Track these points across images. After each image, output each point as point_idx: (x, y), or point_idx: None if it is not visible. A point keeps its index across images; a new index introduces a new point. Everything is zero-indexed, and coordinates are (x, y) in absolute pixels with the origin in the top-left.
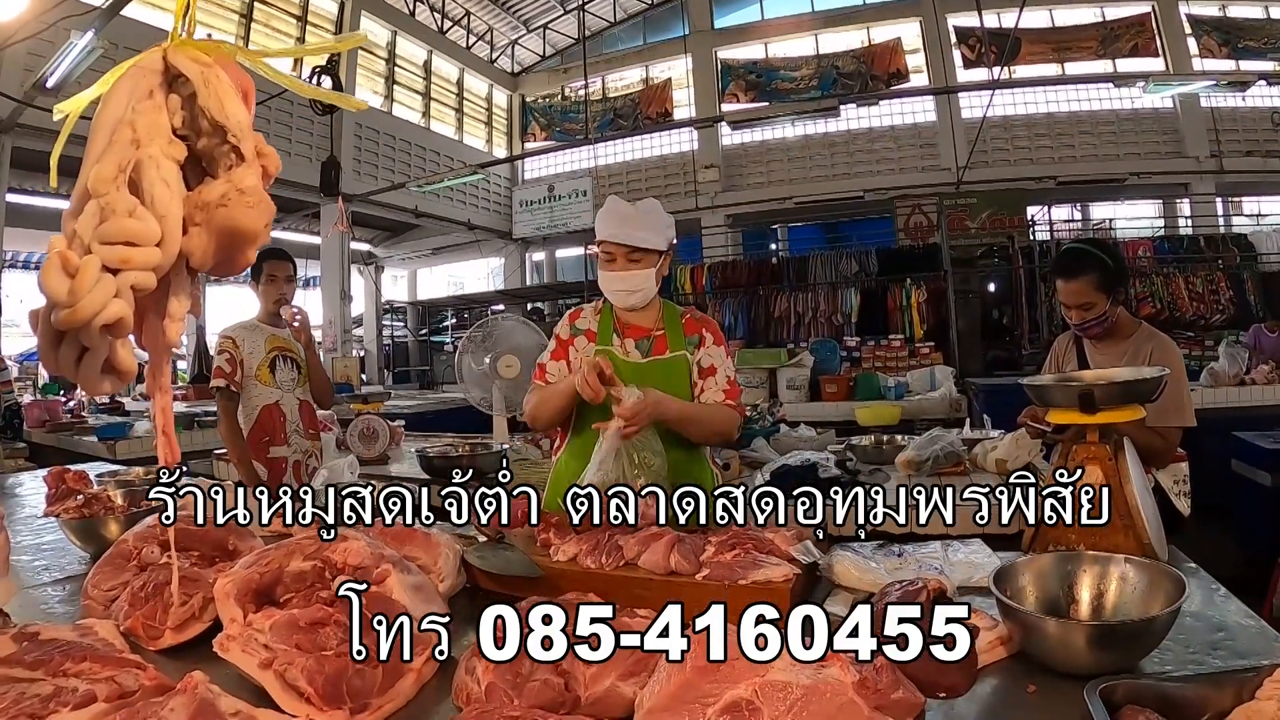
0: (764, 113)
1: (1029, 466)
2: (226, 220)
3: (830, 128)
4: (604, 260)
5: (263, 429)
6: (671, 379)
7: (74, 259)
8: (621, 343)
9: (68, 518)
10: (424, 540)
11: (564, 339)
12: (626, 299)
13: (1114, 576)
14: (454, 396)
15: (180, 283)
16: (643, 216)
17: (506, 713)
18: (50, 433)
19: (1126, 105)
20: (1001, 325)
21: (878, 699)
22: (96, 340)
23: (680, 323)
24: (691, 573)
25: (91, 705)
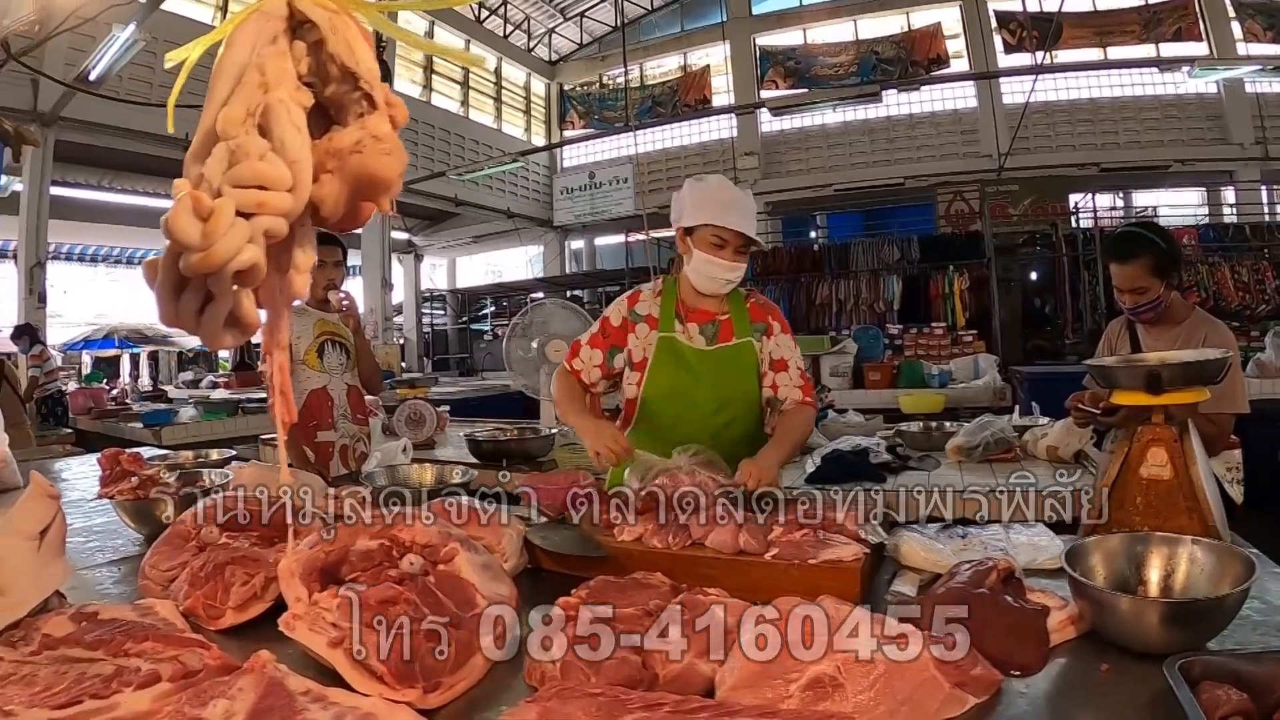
0: (805, 99)
1: (1080, 454)
2: (361, 167)
3: (870, 114)
4: (712, 246)
5: (310, 413)
6: (738, 367)
7: (207, 201)
8: (685, 328)
9: (122, 499)
10: (488, 520)
11: (614, 325)
12: (725, 287)
13: (1182, 557)
14: (494, 384)
15: (305, 234)
16: (748, 204)
17: (588, 690)
18: (95, 419)
19: (1170, 91)
20: (1044, 314)
21: (957, 675)
22: (225, 289)
23: (745, 307)
24: (760, 552)
25: (155, 685)
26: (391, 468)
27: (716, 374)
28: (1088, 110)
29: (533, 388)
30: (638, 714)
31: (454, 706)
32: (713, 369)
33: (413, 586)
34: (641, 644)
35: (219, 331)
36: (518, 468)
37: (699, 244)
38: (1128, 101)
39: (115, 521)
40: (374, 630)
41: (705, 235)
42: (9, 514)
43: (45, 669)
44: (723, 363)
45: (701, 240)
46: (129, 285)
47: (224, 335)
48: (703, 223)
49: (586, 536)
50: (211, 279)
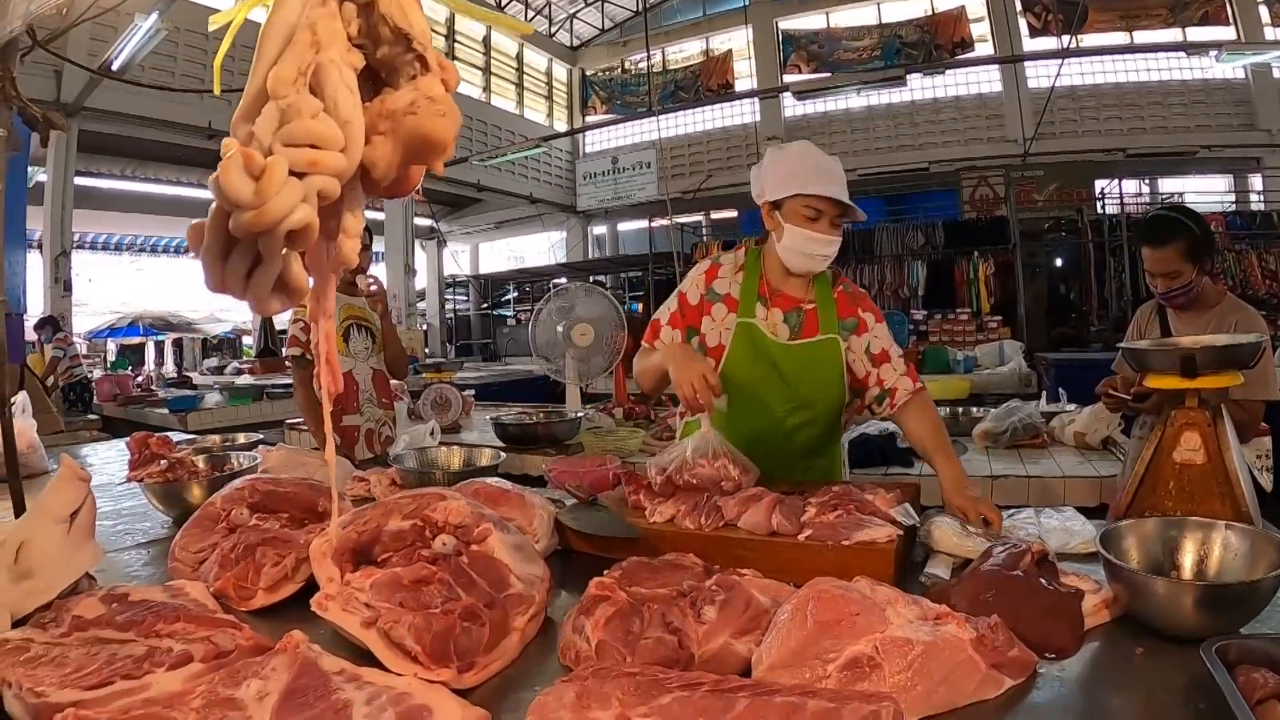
0: (828, 83)
1: (1108, 440)
2: (416, 129)
3: (894, 98)
4: (805, 218)
5: (335, 397)
6: (821, 367)
7: (259, 158)
8: (767, 314)
9: (151, 482)
10: (518, 501)
11: (691, 303)
12: (821, 264)
13: (1216, 542)
14: (518, 369)
15: (355, 198)
16: (838, 169)
17: (625, 670)
18: (121, 406)
19: (1197, 76)
20: (1069, 301)
21: (994, 656)
22: (275, 250)
23: (833, 298)
24: (794, 533)
25: (188, 665)
26: (420, 450)
27: (798, 372)
28: (1113, 95)
29: (558, 371)
30: (676, 693)
31: (488, 686)
32: (794, 366)
33: (446, 567)
34: (677, 624)
35: (267, 296)
36: (544, 451)
37: (790, 217)
38: (1154, 86)
39: (144, 505)
40: (408, 610)
41: (796, 207)
42: (39, 497)
43: (76, 650)
44: (806, 361)
45: (793, 213)
46: (153, 274)
47: (272, 300)
48: (793, 193)
49: (618, 518)
50: (262, 240)
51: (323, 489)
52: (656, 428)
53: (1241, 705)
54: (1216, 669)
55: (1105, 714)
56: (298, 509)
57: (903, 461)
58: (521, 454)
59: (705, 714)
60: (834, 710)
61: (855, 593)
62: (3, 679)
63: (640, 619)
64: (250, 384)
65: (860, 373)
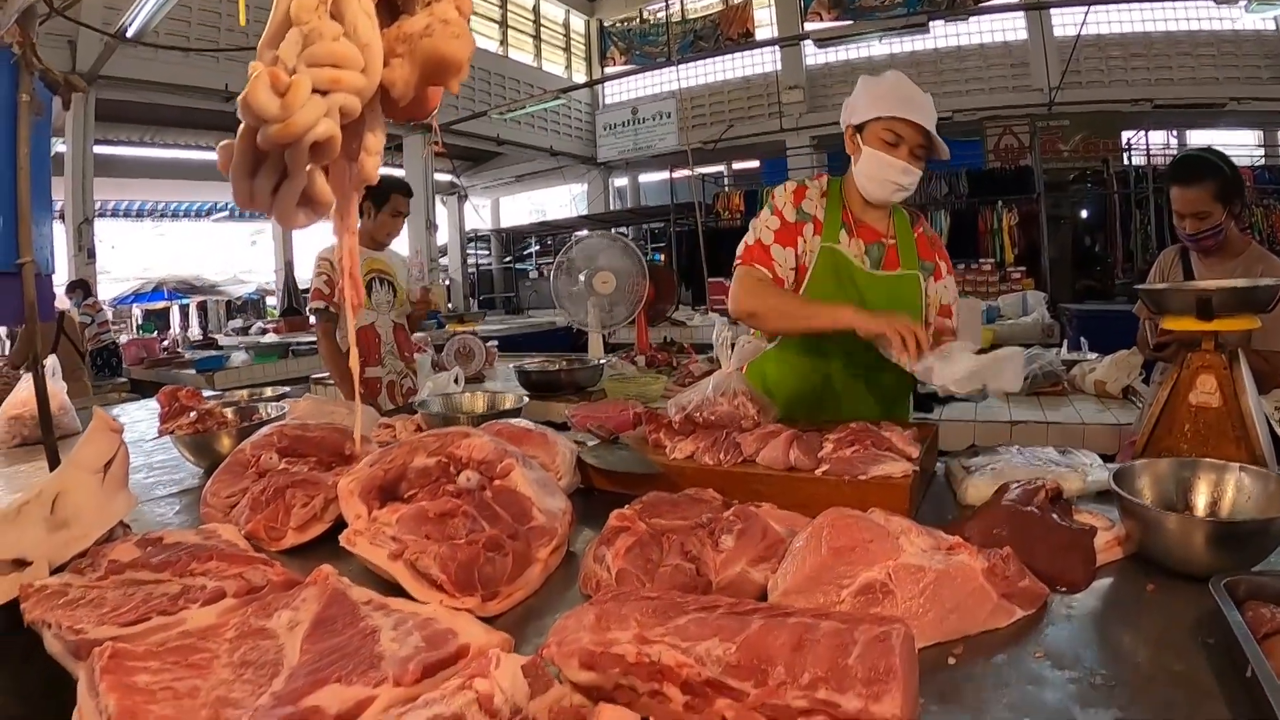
0: (850, 30)
1: (1129, 389)
2: (432, 50)
3: (917, 46)
4: (885, 143)
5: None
6: (900, 299)
7: (284, 76)
8: (851, 241)
9: (181, 434)
10: (541, 440)
11: (790, 221)
12: (895, 194)
13: (1230, 484)
14: (540, 321)
15: (375, 118)
16: (929, 103)
17: (644, 594)
18: (149, 369)
19: (1226, 26)
20: (1094, 253)
21: (1005, 586)
22: (301, 164)
23: (913, 237)
24: (811, 468)
25: (221, 600)
26: (445, 396)
27: (880, 303)
28: (1141, 44)
29: (581, 321)
30: (693, 614)
31: (512, 615)
32: (877, 296)
33: (470, 500)
34: (695, 553)
35: (293, 210)
36: (566, 398)
37: (870, 140)
38: (1182, 36)
39: (175, 459)
40: (434, 541)
41: (877, 130)
42: (73, 450)
43: (113, 592)
44: (888, 291)
45: (873, 136)
46: (175, 239)
47: (298, 214)
48: (875, 115)
49: (638, 455)
50: (288, 153)
51: (349, 433)
52: (679, 374)
53: (1249, 638)
54: (1225, 603)
55: (1115, 646)
56: (325, 453)
57: (922, 406)
58: (545, 401)
59: (720, 634)
60: (846, 630)
61: (869, 521)
62: (43, 620)
63: (659, 548)
64: (275, 342)
65: (929, 321)
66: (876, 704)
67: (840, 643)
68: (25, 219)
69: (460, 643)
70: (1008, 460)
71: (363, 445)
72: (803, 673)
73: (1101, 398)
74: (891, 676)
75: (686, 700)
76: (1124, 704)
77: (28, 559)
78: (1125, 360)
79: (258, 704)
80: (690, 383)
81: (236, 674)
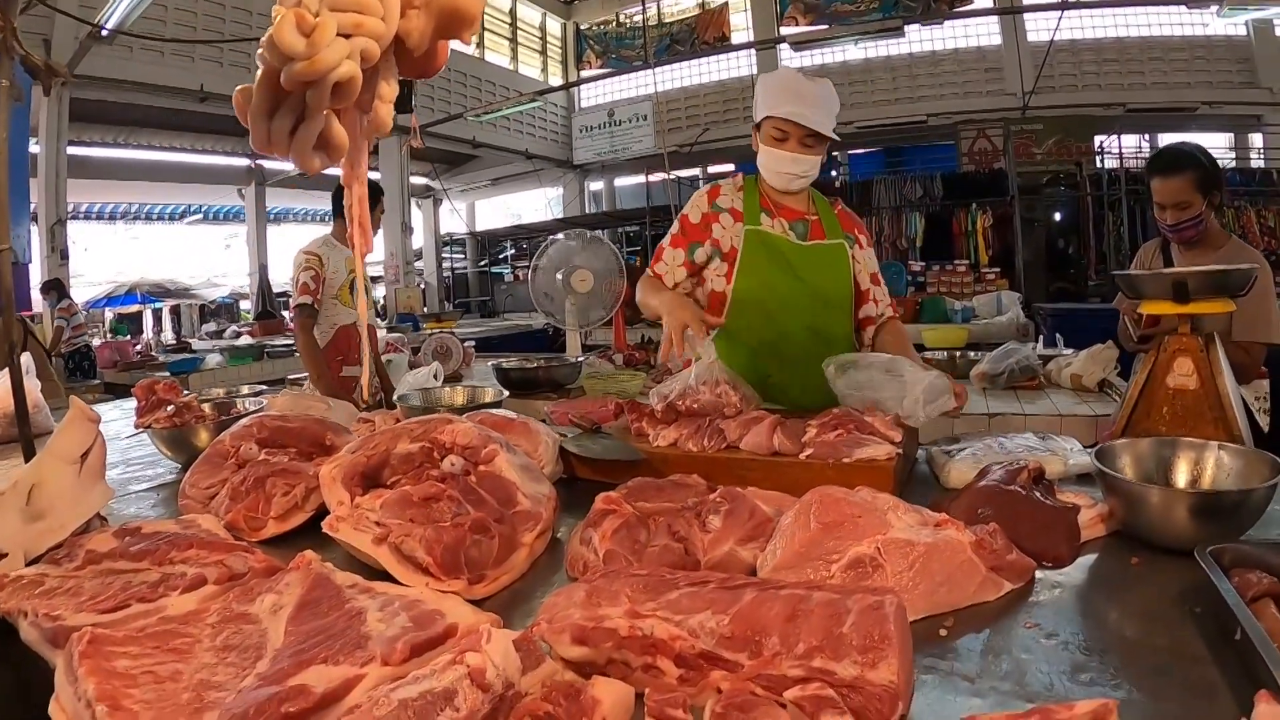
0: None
1: (1105, 382)
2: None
3: (892, 50)
4: (773, 139)
5: (338, 348)
6: (834, 266)
7: (309, 16)
8: (774, 222)
9: (159, 428)
10: (523, 429)
11: (694, 222)
12: (791, 182)
13: (1209, 461)
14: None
15: (389, 67)
16: (820, 98)
17: (633, 571)
18: (122, 371)
19: (1198, 32)
20: (1067, 255)
21: (993, 559)
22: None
23: (834, 214)
24: (795, 452)
25: (202, 587)
26: (424, 390)
27: (813, 270)
28: (1114, 49)
29: (559, 319)
30: (685, 589)
31: (498, 599)
32: (809, 265)
33: (455, 485)
34: (683, 533)
35: (309, 153)
36: (545, 396)
37: (764, 138)
38: (1155, 41)
39: (152, 455)
40: (419, 525)
41: (768, 128)
42: (50, 440)
43: (91, 581)
44: (819, 259)
45: (765, 134)
46: (148, 241)
47: (314, 157)
48: (766, 114)
49: (621, 443)
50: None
51: (329, 424)
52: (657, 372)
53: (1238, 602)
54: (1211, 569)
55: (1104, 617)
56: (305, 443)
57: None
58: (523, 399)
59: (713, 606)
60: (839, 601)
61: (857, 497)
62: (18, 610)
63: (647, 530)
64: (250, 344)
65: (863, 286)
66: (873, 670)
67: (834, 612)
68: (2, 206)
69: (448, 622)
70: (989, 445)
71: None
72: (797, 643)
73: (1078, 391)
74: (886, 643)
75: (681, 673)
76: (1117, 669)
77: (3, 550)
78: (1101, 354)
79: (242, 685)
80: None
81: (219, 657)
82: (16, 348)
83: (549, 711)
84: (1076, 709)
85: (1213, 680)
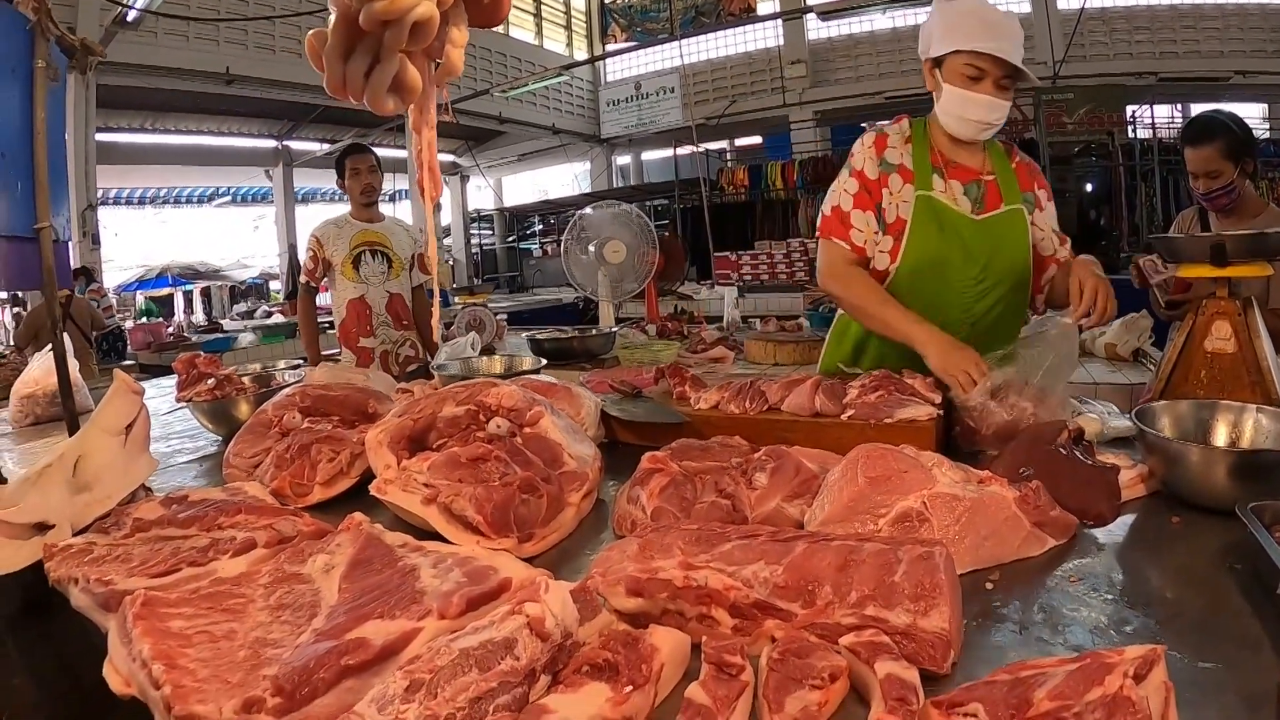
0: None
1: (1139, 351)
2: None
3: (921, 19)
4: (965, 78)
5: (350, 321)
6: (1010, 242)
7: None
8: (946, 185)
9: (200, 400)
10: (565, 393)
11: (871, 178)
12: (983, 132)
13: (1248, 423)
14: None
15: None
16: (1012, 28)
17: (684, 526)
18: (155, 353)
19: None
20: (1099, 227)
21: (1037, 515)
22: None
23: (1011, 169)
24: (837, 413)
25: (252, 550)
26: (462, 360)
27: (986, 248)
28: (1146, 17)
29: (591, 291)
30: (736, 541)
31: (546, 558)
32: (982, 242)
33: (502, 446)
34: (730, 490)
35: (384, 95)
36: (580, 366)
37: (950, 76)
38: (1188, 10)
39: (191, 428)
40: (468, 485)
41: (957, 65)
42: (94, 412)
43: (140, 548)
44: (994, 235)
45: (953, 71)
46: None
47: (388, 99)
48: (953, 49)
49: (663, 406)
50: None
51: (372, 392)
52: (690, 342)
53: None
54: (1254, 525)
55: (1146, 573)
56: (348, 411)
57: None
58: (558, 370)
59: (765, 557)
60: (889, 551)
61: (902, 453)
62: (69, 577)
63: (693, 487)
64: (282, 322)
65: (1046, 251)
66: (925, 618)
67: (885, 562)
68: (43, 184)
69: (502, 577)
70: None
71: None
72: (849, 592)
73: (1112, 360)
74: (938, 591)
75: (735, 623)
76: (1160, 623)
77: (50, 522)
78: (1135, 323)
79: (299, 641)
80: (702, 350)
81: (274, 616)
82: (59, 323)
83: (608, 659)
84: (1126, 654)
85: (1256, 634)
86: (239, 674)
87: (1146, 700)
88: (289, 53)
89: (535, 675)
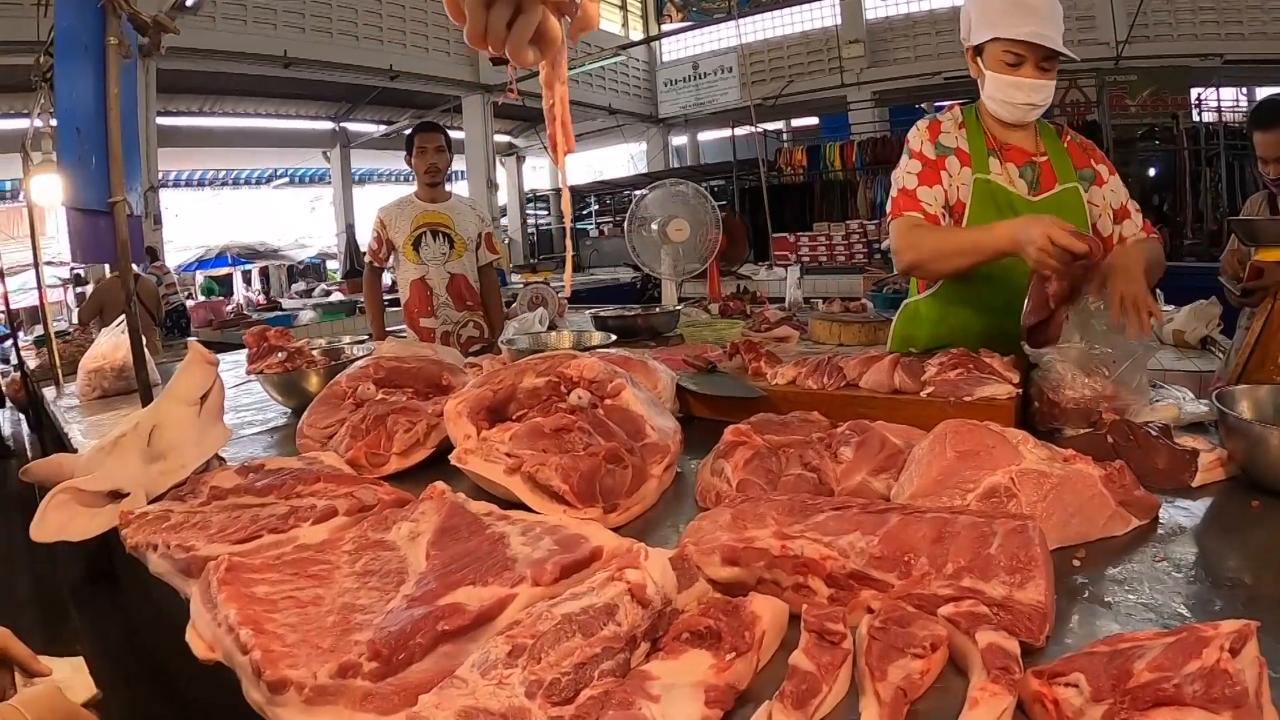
0: None
1: (1207, 339)
2: None
3: None
4: (1005, 64)
5: (413, 302)
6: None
7: None
8: (1002, 168)
9: (270, 373)
10: (642, 367)
11: (931, 158)
12: (1028, 114)
13: None
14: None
15: None
16: (1054, 12)
17: (774, 496)
18: (216, 330)
19: None
20: (1162, 213)
21: (1122, 494)
22: None
23: (1063, 147)
24: (916, 391)
25: (333, 518)
26: (532, 335)
27: None
28: None
29: (654, 269)
30: (829, 513)
31: (631, 529)
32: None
33: (584, 417)
34: (815, 463)
35: (524, 46)
36: (644, 344)
37: (990, 63)
38: None
39: (262, 400)
40: (553, 454)
41: (996, 52)
42: (169, 383)
43: (218, 515)
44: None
45: (993, 58)
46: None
47: (528, 51)
48: (991, 37)
49: (739, 381)
50: None
51: (446, 364)
52: (754, 321)
53: None
54: None
55: (1226, 554)
56: (422, 383)
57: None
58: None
59: (860, 528)
60: (984, 524)
61: (989, 429)
62: (147, 544)
63: (778, 460)
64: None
65: (1105, 230)
66: (1021, 590)
67: (979, 534)
68: (116, 159)
69: (594, 545)
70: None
71: (462, 376)
72: (945, 563)
73: (1180, 347)
74: (1034, 564)
75: (831, 593)
76: (1245, 603)
77: (124, 490)
78: (1204, 310)
79: (389, 607)
80: (765, 328)
81: (361, 582)
82: (133, 295)
83: (710, 626)
84: (1221, 628)
85: None
86: (329, 639)
87: (1243, 673)
88: (346, 35)
89: (636, 642)
